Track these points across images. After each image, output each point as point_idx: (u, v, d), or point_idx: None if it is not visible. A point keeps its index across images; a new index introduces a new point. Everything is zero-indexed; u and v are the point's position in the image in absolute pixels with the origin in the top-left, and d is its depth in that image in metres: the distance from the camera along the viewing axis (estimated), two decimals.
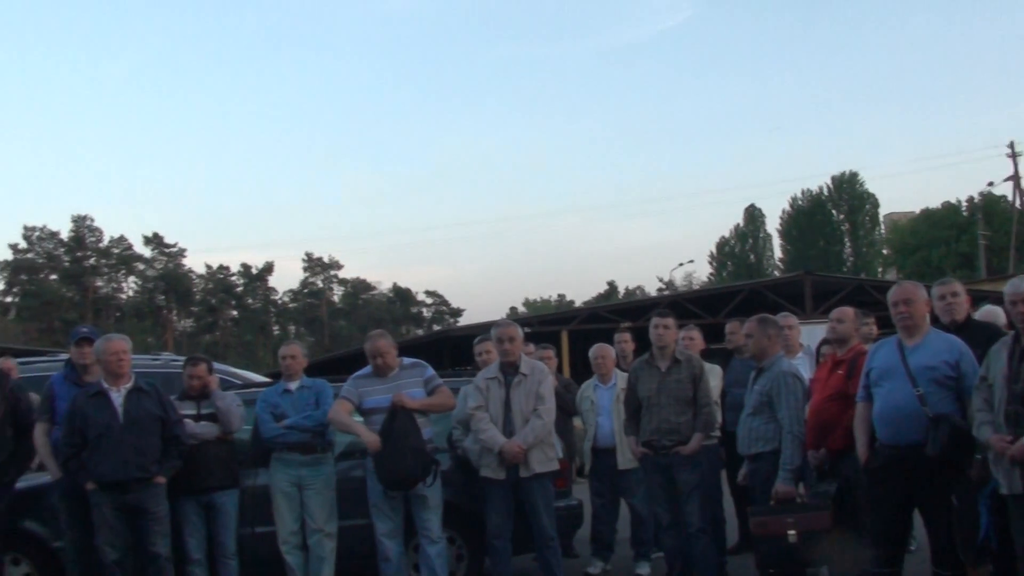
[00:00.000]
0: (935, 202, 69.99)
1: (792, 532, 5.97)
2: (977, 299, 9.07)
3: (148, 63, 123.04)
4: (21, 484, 7.16)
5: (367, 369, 7.24)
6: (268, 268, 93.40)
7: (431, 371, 7.28)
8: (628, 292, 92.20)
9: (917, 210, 69.99)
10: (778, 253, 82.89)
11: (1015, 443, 5.03)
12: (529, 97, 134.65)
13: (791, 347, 7.83)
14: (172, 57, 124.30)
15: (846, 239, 79.81)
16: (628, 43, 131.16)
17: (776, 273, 72.64)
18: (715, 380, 7.87)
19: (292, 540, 7.05)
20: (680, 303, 26.52)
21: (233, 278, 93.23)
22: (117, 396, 6.75)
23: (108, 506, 6.60)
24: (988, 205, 56.06)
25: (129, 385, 6.82)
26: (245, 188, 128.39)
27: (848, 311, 6.90)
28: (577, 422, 9.21)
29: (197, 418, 7.06)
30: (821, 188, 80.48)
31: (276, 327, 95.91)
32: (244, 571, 7.06)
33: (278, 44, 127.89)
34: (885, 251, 76.10)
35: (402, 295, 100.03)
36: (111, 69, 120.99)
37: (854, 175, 79.69)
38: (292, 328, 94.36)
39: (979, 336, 5.92)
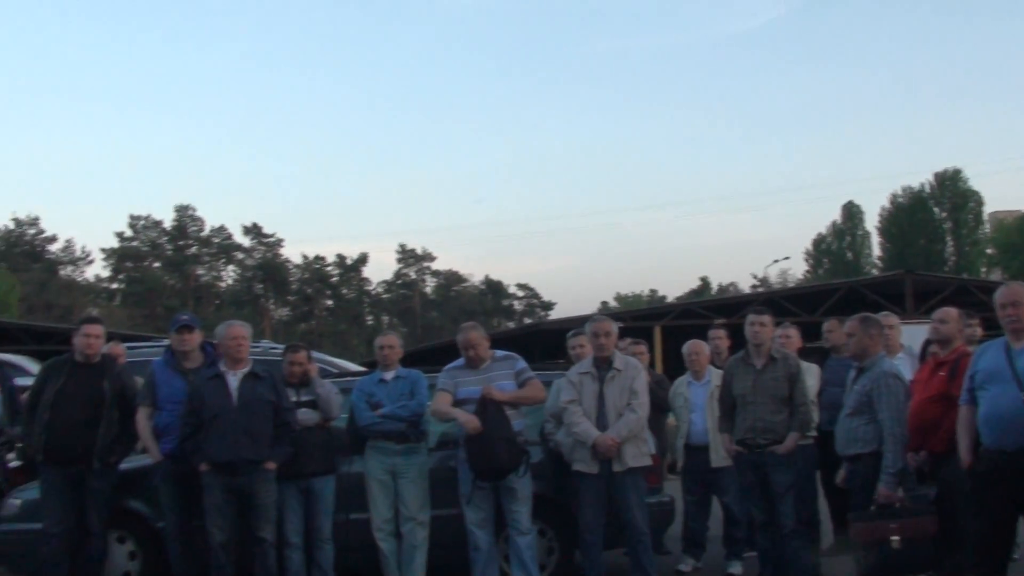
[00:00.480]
0: None
1: (895, 538, 5.85)
2: None
3: (248, 56, 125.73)
4: (127, 465, 7.41)
5: (460, 361, 7.32)
6: (363, 259, 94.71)
7: (523, 363, 7.32)
8: (721, 288, 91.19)
9: None
10: (876, 251, 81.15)
11: None
12: (627, 90, 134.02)
13: (891, 347, 7.68)
14: (272, 50, 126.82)
15: (948, 238, 77.75)
16: (726, 36, 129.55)
17: (874, 272, 71.10)
18: (812, 379, 7.75)
19: (386, 528, 7.16)
20: (776, 300, 26.14)
21: (328, 268, 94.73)
22: (233, 380, 6.91)
23: (219, 488, 6.76)
24: None
25: (245, 370, 6.98)
26: (342, 179, 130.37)
27: (952, 312, 6.74)
28: (669, 419, 9.16)
29: (297, 405, 7.19)
30: (923, 185, 78.62)
31: (369, 317, 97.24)
32: (338, 557, 7.18)
33: (376, 34, 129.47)
34: (989, 250, 73.94)
35: (494, 288, 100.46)
36: (214, 62, 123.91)
37: (957, 172, 77.64)
38: (385, 319, 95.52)
39: None
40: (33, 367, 10.38)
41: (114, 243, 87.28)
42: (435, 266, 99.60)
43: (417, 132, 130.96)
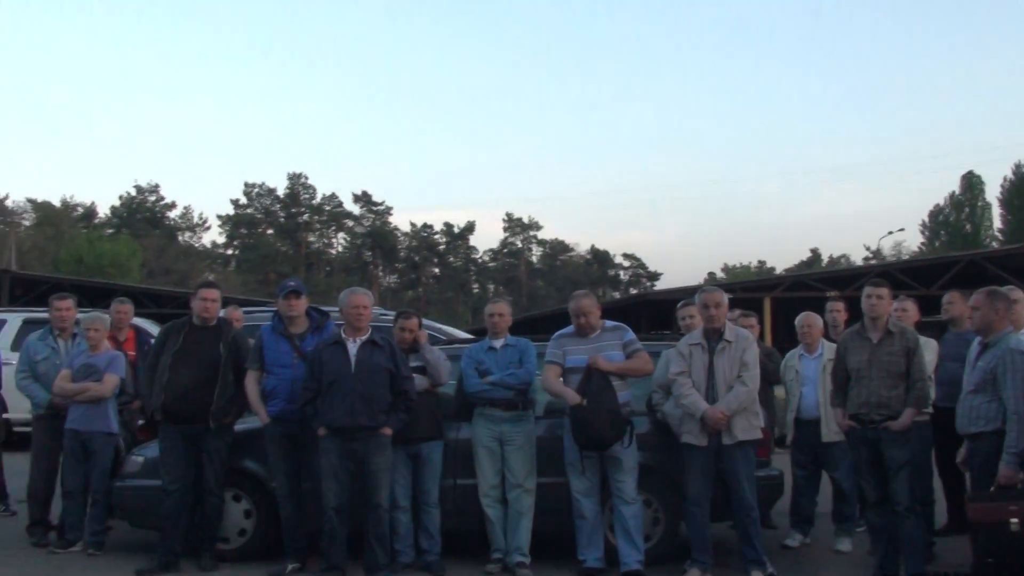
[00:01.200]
0: None
1: (1015, 520, 5.66)
2: None
3: (359, 26, 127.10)
4: (243, 425, 7.61)
5: (569, 328, 7.32)
6: (470, 227, 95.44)
7: (631, 334, 7.28)
8: (832, 260, 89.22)
9: None
10: (997, 223, 78.18)
11: None
12: (737, 57, 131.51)
13: (1018, 322, 7.41)
14: (382, 19, 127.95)
15: None
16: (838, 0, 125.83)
17: (994, 244, 68.59)
18: (930, 354, 7.53)
19: (492, 494, 7.22)
20: (891, 273, 25.47)
21: (436, 236, 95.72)
22: (352, 347, 7.01)
23: (335, 452, 6.87)
24: None
25: (365, 337, 7.07)
26: (450, 148, 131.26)
27: None
28: (779, 392, 9.02)
29: None
30: None
31: (475, 285, 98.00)
32: (445, 520, 7.26)
33: (486, 5, 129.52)
34: None
35: (600, 257, 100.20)
36: (326, 32, 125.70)
37: None
38: (491, 287, 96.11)
39: None
40: (155, 330, 10.72)
41: (230, 210, 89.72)
42: (541, 235, 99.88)
43: (525, 101, 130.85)
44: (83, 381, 7.82)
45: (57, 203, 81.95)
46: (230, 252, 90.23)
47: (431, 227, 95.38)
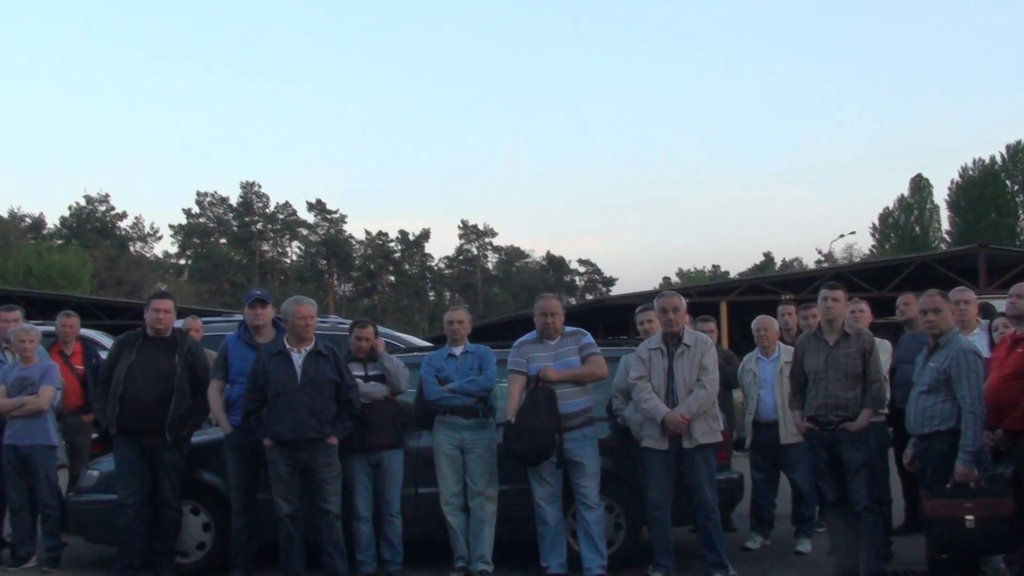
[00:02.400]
0: None
1: (970, 517, 5.72)
2: None
3: (312, 33, 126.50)
4: (201, 437, 7.53)
5: (531, 335, 7.32)
6: (425, 235, 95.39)
7: (588, 338, 7.31)
8: (785, 264, 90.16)
9: None
10: (946, 226, 79.49)
11: None
12: (688, 61, 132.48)
13: (967, 322, 7.51)
14: (334, 27, 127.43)
15: (1020, 211, 75.88)
16: (787, 4, 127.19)
17: (943, 246, 69.70)
18: (885, 355, 7.61)
19: (454, 502, 7.19)
20: (844, 275, 25.75)
21: (391, 244, 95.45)
22: (298, 357, 6.98)
23: (283, 463, 6.86)
24: None
25: (309, 347, 7.04)
26: (405, 156, 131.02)
27: None
28: (737, 395, 9.08)
29: (365, 379, 7.23)
30: (994, 157, 76.66)
31: (432, 293, 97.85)
32: (407, 529, 7.22)
33: (438, 8, 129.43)
34: None
35: (555, 263, 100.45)
36: (279, 38, 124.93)
37: None
38: (447, 294, 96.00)
39: None
40: (107, 342, 10.57)
41: (182, 219, 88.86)
42: (497, 242, 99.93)
43: (478, 109, 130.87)
44: (18, 395, 7.67)
45: (4, 214, 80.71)
46: (183, 262, 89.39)
47: (386, 235, 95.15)
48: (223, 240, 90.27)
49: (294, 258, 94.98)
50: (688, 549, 7.53)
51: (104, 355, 8.37)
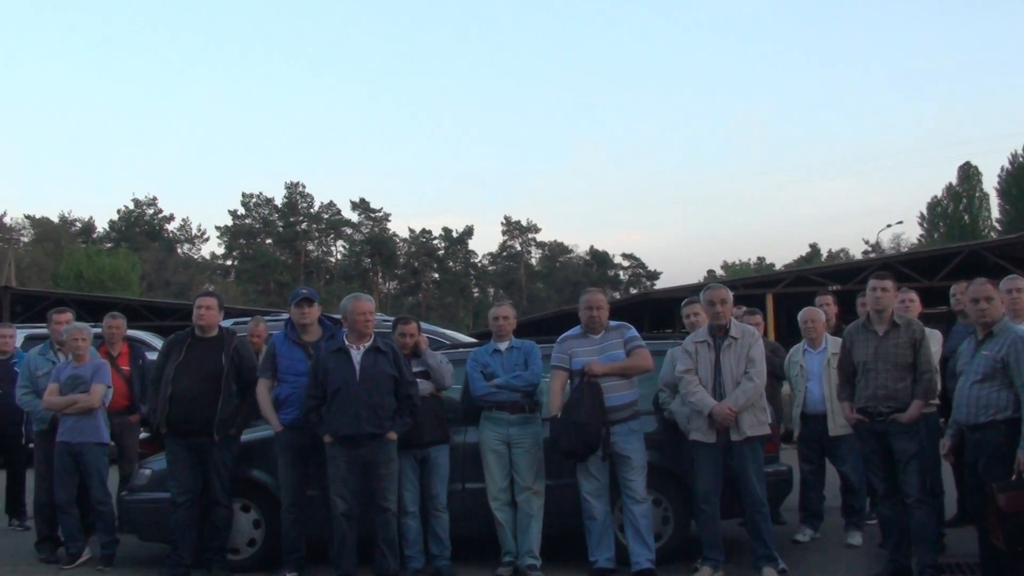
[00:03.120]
0: None
1: None
2: None
3: (354, 34, 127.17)
4: (251, 435, 7.60)
5: (575, 330, 7.32)
6: (468, 231, 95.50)
7: (633, 332, 7.29)
8: (831, 255, 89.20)
9: None
10: (996, 214, 78.18)
11: None
12: (731, 55, 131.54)
13: (1019, 311, 7.38)
14: (378, 25, 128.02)
15: None
16: None
17: (993, 235, 68.55)
18: (935, 345, 7.50)
19: (501, 497, 7.20)
20: (892, 265, 25.45)
21: (435, 241, 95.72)
22: (356, 354, 6.99)
23: (342, 459, 6.86)
24: None
25: (368, 344, 7.06)
26: (447, 153, 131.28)
27: None
28: (784, 387, 9.00)
29: None
30: None
31: (476, 290, 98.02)
32: (454, 525, 7.23)
33: (480, 10, 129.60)
34: None
35: (599, 258, 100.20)
36: (321, 40, 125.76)
37: None
38: (491, 290, 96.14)
39: None
40: (157, 342, 10.71)
41: (228, 221, 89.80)
42: (540, 237, 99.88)
43: (519, 102, 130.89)
44: (71, 393, 7.79)
45: (55, 219, 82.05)
46: (229, 263, 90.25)
47: (430, 232, 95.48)
48: (268, 240, 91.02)
49: (339, 257, 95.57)
50: (737, 542, 7.49)
51: (152, 356, 8.47)
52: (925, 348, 6.75)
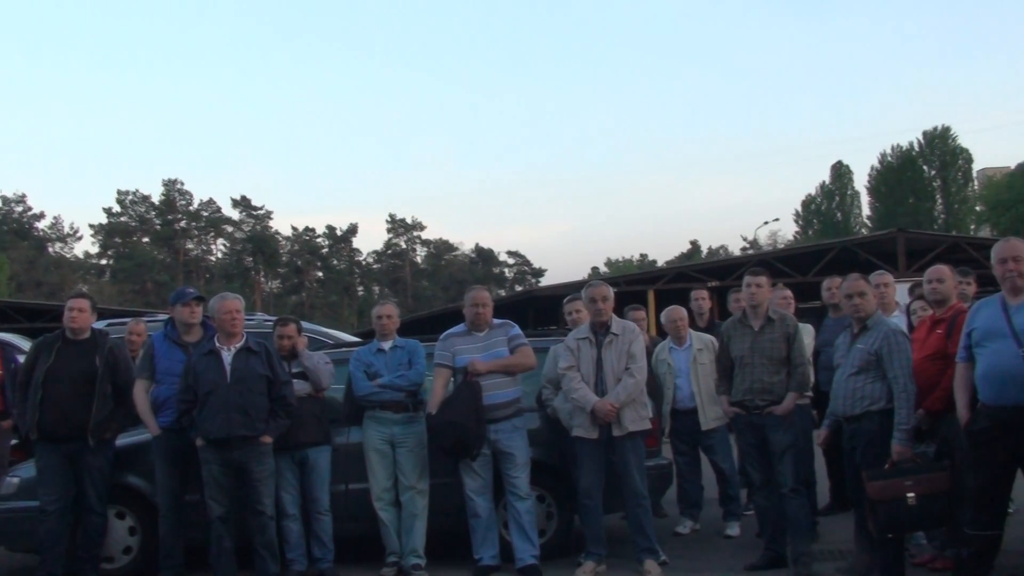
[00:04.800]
0: None
1: (911, 495, 5.84)
2: None
3: (233, 27, 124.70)
4: (126, 440, 7.38)
5: (459, 327, 7.32)
6: (352, 229, 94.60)
7: (516, 330, 7.33)
8: (711, 251, 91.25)
9: (1013, 165, 67.72)
10: (866, 211, 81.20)
11: None
12: (612, 55, 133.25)
13: (888, 305, 7.66)
14: (259, 22, 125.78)
15: (937, 196, 77.76)
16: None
17: (864, 231, 71.11)
18: (808, 339, 7.74)
19: (385, 497, 7.15)
20: (768, 261, 26.17)
21: (318, 239, 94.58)
22: (227, 355, 6.87)
23: (215, 463, 6.75)
24: None
25: (239, 344, 6.93)
26: (331, 150, 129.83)
27: (946, 270, 6.71)
28: None
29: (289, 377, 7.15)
30: (911, 144, 78.46)
31: (360, 288, 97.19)
32: (338, 526, 7.18)
33: (357, 8, 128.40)
34: (978, 207, 73.89)
35: (484, 255, 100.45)
36: (199, 33, 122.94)
37: (946, 130, 77.59)
38: (376, 289, 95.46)
39: None
40: (26, 345, 10.30)
41: (102, 219, 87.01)
42: (425, 235, 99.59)
43: (404, 101, 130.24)
44: None
45: None
46: (104, 262, 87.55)
47: (313, 230, 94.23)
48: (146, 239, 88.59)
49: (219, 256, 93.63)
50: (619, 536, 7.58)
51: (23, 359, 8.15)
52: (799, 342, 6.95)
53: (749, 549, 7.32)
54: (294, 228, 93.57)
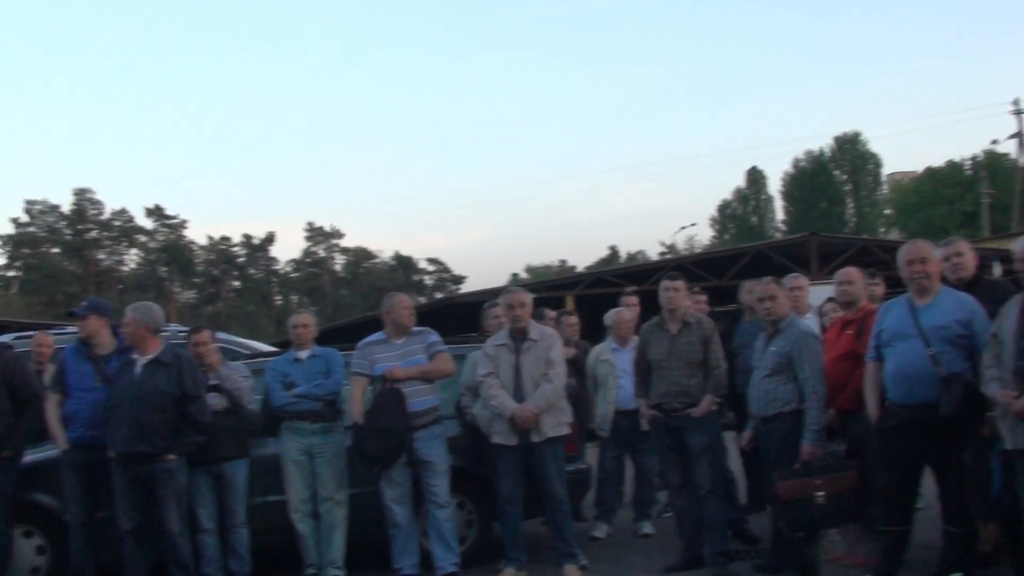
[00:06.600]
0: (938, 161, 69.63)
1: (820, 494, 5.97)
2: (988, 257, 9.03)
3: (145, 32, 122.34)
4: (34, 456, 7.16)
5: (377, 335, 7.26)
6: (270, 238, 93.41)
7: (434, 337, 7.29)
8: (630, 256, 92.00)
9: (920, 169, 69.66)
10: (780, 215, 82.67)
11: (1021, 399, 5.04)
12: (528, 61, 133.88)
13: (800, 308, 7.81)
14: (168, 26, 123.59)
15: (848, 199, 79.51)
16: (617, 5, 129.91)
17: (778, 235, 72.39)
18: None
19: (303, 508, 7.07)
20: (685, 266, 26.42)
21: (234, 248, 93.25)
22: (138, 368, 6.72)
23: (124, 476, 6.58)
24: (992, 163, 55.69)
25: (151, 356, 6.77)
26: (246, 158, 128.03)
27: (855, 272, 6.89)
28: None
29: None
30: (823, 149, 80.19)
31: (278, 297, 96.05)
32: (256, 540, 7.08)
33: (275, 12, 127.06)
34: (887, 211, 75.79)
35: (404, 263, 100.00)
36: (109, 39, 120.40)
37: (856, 135, 79.32)
38: (294, 298, 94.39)
39: (991, 294, 5.90)
40: None
41: (9, 229, 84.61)
42: (344, 243, 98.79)
43: (320, 108, 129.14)
44: None
45: None
46: (12, 273, 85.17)
47: (229, 239, 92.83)
48: (55, 249, 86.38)
49: (133, 266, 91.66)
50: (539, 541, 7.60)
51: None
52: (715, 345, 7.05)
53: (667, 551, 7.39)
54: (210, 237, 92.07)
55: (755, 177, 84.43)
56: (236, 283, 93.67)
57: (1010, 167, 51.29)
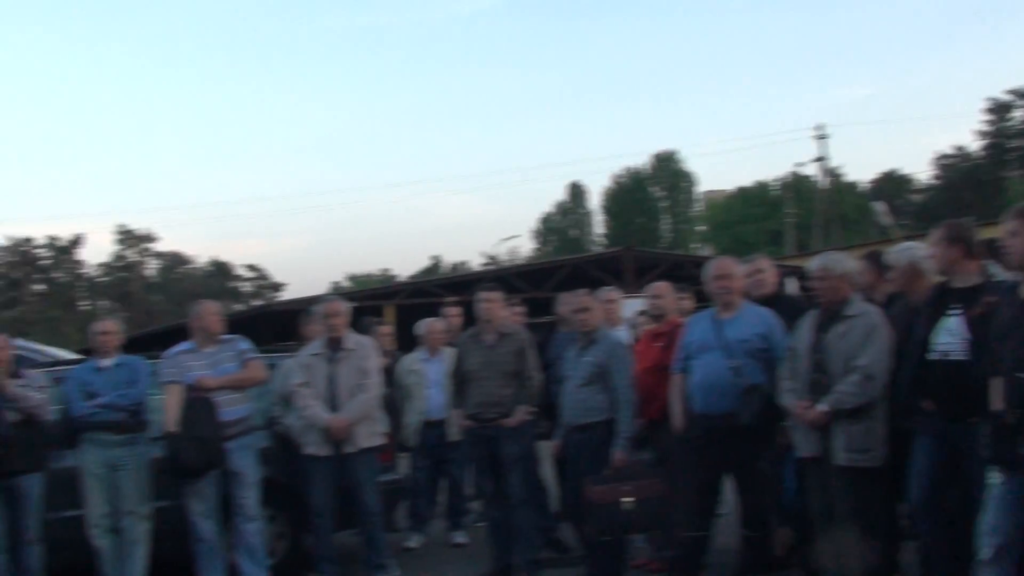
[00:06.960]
0: (749, 181, 72.80)
1: (628, 499, 6.13)
2: (785, 274, 9.53)
3: None
4: None
5: (187, 344, 7.05)
6: (77, 240, 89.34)
7: (245, 344, 7.15)
8: (453, 266, 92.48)
9: (733, 188, 72.77)
10: (600, 228, 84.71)
11: (813, 409, 5.36)
12: (350, 68, 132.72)
13: (613, 320, 8.00)
14: None
15: (665, 215, 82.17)
16: (447, 17, 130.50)
17: (598, 248, 74.17)
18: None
19: (103, 523, 6.77)
20: (505, 277, 26.72)
21: (38, 251, 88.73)
22: None
23: None
24: (797, 184, 58.65)
25: None
26: (53, 157, 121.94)
27: (665, 286, 7.13)
28: None
29: None
30: (642, 165, 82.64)
31: (86, 302, 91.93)
32: (52, 557, 6.75)
33: (86, 8, 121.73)
34: (701, 228, 78.74)
35: (221, 269, 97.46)
36: None
37: (673, 153, 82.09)
38: (103, 303, 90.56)
39: (788, 309, 6.22)
40: None
41: None
42: (158, 247, 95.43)
43: (135, 106, 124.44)
44: None
45: None
46: None
47: (32, 240, 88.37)
48: None
49: None
50: (351, 553, 7.53)
51: None
52: (530, 356, 7.15)
53: (480, 560, 7.44)
54: (10, 238, 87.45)
55: (576, 191, 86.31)
56: (39, 287, 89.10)
57: (813, 188, 54.17)
